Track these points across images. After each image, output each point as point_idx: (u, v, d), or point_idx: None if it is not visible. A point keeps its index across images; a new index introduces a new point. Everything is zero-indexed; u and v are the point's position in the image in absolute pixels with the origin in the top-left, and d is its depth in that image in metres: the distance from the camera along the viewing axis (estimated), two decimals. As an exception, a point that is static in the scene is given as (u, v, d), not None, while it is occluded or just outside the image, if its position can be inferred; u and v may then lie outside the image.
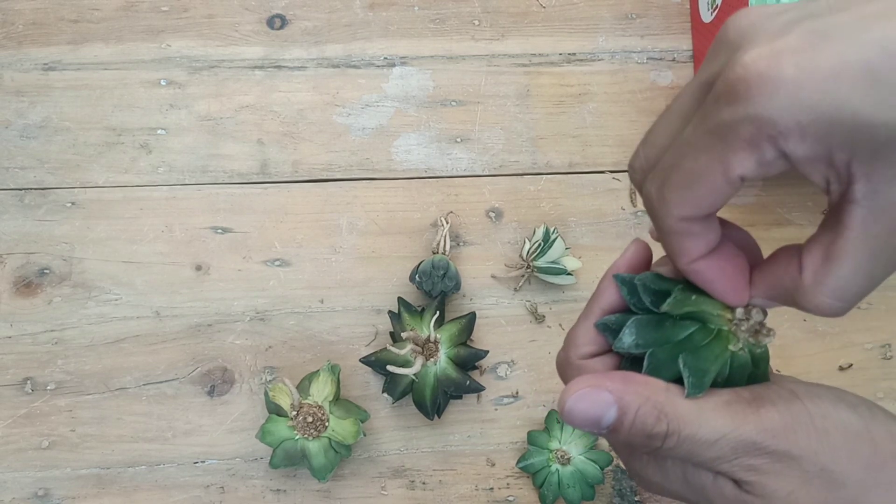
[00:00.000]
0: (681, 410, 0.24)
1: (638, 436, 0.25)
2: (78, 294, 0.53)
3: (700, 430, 0.24)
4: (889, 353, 0.54)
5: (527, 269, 0.53)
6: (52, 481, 0.50)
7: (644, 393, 0.25)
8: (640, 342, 0.26)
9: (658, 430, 0.24)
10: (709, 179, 0.23)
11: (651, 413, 0.24)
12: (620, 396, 0.25)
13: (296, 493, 0.51)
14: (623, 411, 0.25)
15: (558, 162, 0.57)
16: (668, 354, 0.26)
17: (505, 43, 0.59)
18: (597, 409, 0.25)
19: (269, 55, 0.57)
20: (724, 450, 0.24)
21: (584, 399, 0.25)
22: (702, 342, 0.26)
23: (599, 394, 0.25)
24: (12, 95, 0.56)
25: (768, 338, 0.26)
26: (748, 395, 0.25)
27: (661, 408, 0.25)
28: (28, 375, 0.52)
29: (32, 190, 0.54)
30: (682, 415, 0.24)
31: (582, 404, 0.25)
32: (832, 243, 0.23)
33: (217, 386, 0.52)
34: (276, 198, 0.55)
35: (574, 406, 0.25)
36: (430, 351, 0.49)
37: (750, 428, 0.24)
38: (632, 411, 0.25)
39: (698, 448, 0.24)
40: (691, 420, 0.24)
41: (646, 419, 0.25)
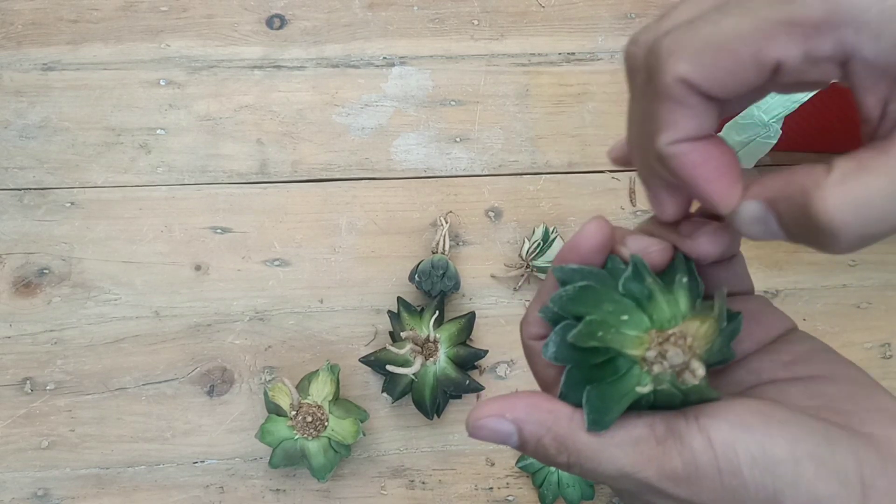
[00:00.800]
0: (581, 445, 0.24)
1: (542, 460, 0.25)
2: (77, 294, 0.53)
3: (601, 466, 0.24)
4: (889, 352, 0.54)
5: (526, 268, 0.53)
6: (51, 481, 0.50)
7: (546, 423, 0.24)
8: (559, 356, 0.25)
9: (560, 461, 0.24)
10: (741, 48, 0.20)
11: (551, 445, 0.24)
12: (521, 427, 0.25)
13: (295, 492, 0.51)
14: (524, 440, 0.25)
15: (558, 162, 0.57)
16: (583, 376, 0.24)
17: (504, 43, 0.59)
18: (498, 437, 0.25)
19: (268, 55, 0.57)
20: (629, 486, 0.23)
21: (486, 427, 0.25)
22: (614, 374, 0.24)
23: (500, 423, 0.25)
24: (12, 95, 0.56)
25: (692, 379, 0.23)
26: (661, 431, 0.23)
27: (562, 441, 0.24)
28: (28, 375, 0.52)
29: (32, 190, 0.54)
30: (581, 449, 0.24)
31: (483, 432, 0.25)
32: (873, 157, 0.20)
33: (216, 386, 0.52)
34: (276, 198, 0.55)
35: (476, 433, 0.25)
36: (429, 351, 0.49)
37: (651, 473, 0.23)
38: (532, 441, 0.25)
39: (602, 479, 0.24)
40: (591, 456, 0.24)
41: (547, 450, 0.24)
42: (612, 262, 0.26)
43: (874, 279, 0.55)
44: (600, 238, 0.25)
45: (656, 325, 0.24)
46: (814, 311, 0.54)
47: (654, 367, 0.23)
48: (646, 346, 0.24)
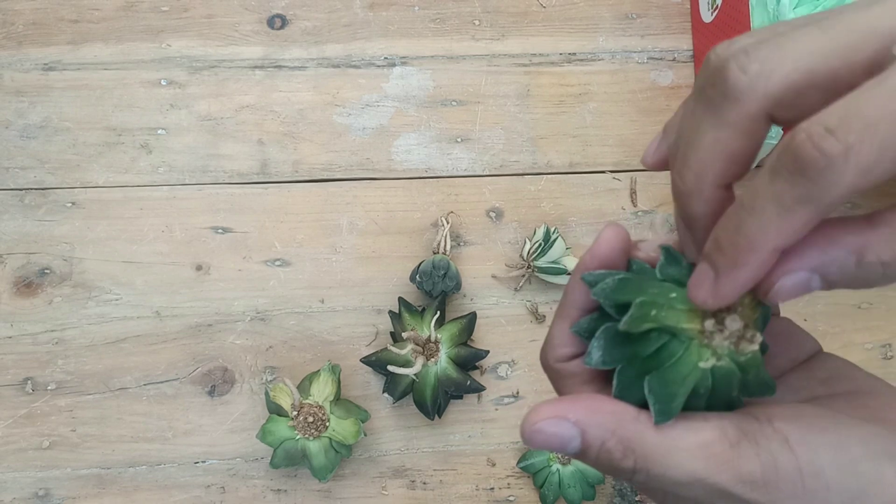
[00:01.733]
0: (649, 447, 0.22)
1: (604, 468, 0.23)
2: (78, 294, 0.53)
3: (670, 472, 0.22)
4: (889, 353, 0.54)
5: (527, 268, 0.53)
6: (52, 481, 0.50)
7: (610, 426, 0.23)
8: (606, 359, 0.24)
9: (625, 466, 0.23)
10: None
11: (617, 448, 0.23)
12: (584, 429, 0.23)
13: (296, 493, 0.51)
14: (587, 444, 0.23)
15: (558, 162, 0.57)
16: (638, 371, 0.24)
17: (505, 43, 0.59)
18: (558, 441, 0.23)
19: (269, 55, 0.57)
20: (699, 492, 0.22)
21: (545, 431, 0.23)
22: (670, 359, 0.23)
23: (561, 424, 0.23)
24: (12, 95, 0.56)
25: (752, 345, 0.23)
26: (733, 434, 0.23)
27: (628, 444, 0.23)
28: (28, 375, 0.52)
29: (32, 190, 0.54)
30: (649, 453, 0.22)
31: (541, 437, 0.23)
32: None
33: (217, 386, 0.52)
34: (277, 198, 0.55)
35: (533, 438, 0.23)
36: (430, 351, 0.49)
37: (726, 478, 0.22)
38: (596, 445, 0.23)
39: (670, 486, 0.22)
40: (660, 460, 0.22)
41: (611, 455, 0.23)
42: (634, 264, 0.26)
43: (875, 279, 0.55)
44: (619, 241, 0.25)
45: None
46: (814, 311, 0.54)
47: (713, 339, 0.23)
48: (701, 318, 0.23)
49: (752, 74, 0.21)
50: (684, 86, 0.58)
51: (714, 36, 0.55)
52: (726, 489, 0.22)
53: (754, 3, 0.49)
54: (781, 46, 0.20)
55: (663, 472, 0.22)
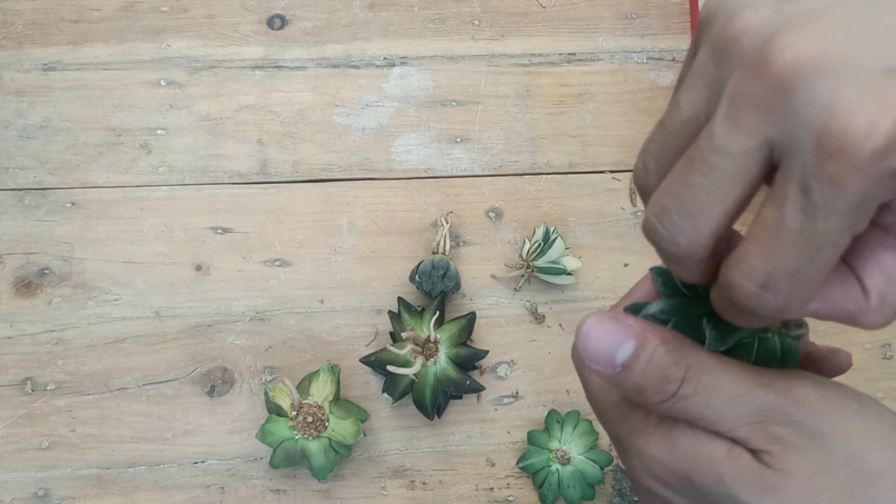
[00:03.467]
0: (703, 358, 0.22)
1: (652, 377, 0.22)
2: (78, 294, 0.53)
3: (721, 381, 0.22)
4: (889, 353, 0.54)
5: (527, 269, 0.53)
6: (52, 481, 0.50)
7: (666, 336, 0.23)
8: (665, 309, 0.24)
9: (674, 372, 0.22)
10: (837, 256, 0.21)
11: (670, 354, 0.22)
12: (641, 331, 0.23)
13: (296, 493, 0.51)
14: (641, 346, 0.22)
15: (558, 162, 0.57)
16: (693, 323, 0.24)
17: (505, 43, 0.59)
18: (614, 337, 0.22)
19: (269, 55, 0.57)
20: (748, 407, 0.22)
21: (604, 325, 0.22)
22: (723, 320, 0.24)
23: (619, 324, 0.23)
24: (12, 95, 0.56)
25: (800, 329, 0.24)
26: (779, 373, 0.23)
27: (682, 351, 0.22)
28: (28, 376, 0.52)
29: (32, 190, 0.54)
30: (703, 362, 0.22)
31: (600, 329, 0.22)
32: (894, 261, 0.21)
33: (217, 386, 0.52)
34: (276, 198, 0.55)
35: (591, 329, 0.22)
36: (430, 351, 0.49)
37: (777, 393, 0.22)
38: (650, 348, 0.22)
39: (718, 401, 0.22)
40: (713, 368, 0.22)
41: (663, 359, 0.22)
42: None
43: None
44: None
45: None
46: (814, 311, 0.54)
47: None
48: None
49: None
50: (684, 86, 0.58)
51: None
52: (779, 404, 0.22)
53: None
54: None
55: (715, 380, 0.22)
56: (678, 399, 0.22)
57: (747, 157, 0.19)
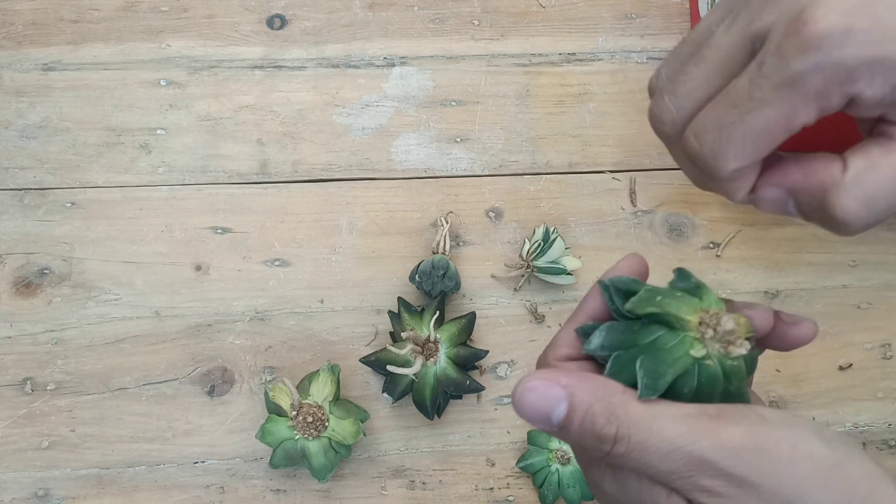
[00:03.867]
0: (633, 415, 0.23)
1: (587, 436, 0.24)
2: (78, 294, 0.53)
3: (651, 438, 0.23)
4: (889, 352, 0.54)
5: (526, 268, 0.53)
6: (52, 481, 0.50)
7: (598, 392, 0.24)
8: (605, 344, 0.25)
9: (607, 432, 0.23)
10: (771, 133, 0.23)
11: (602, 413, 0.23)
12: (572, 392, 0.24)
13: (296, 493, 0.51)
14: (573, 408, 0.23)
15: (558, 162, 0.57)
16: (632, 357, 0.25)
17: (505, 43, 0.59)
18: (546, 402, 0.24)
19: (268, 55, 0.57)
20: (678, 464, 0.22)
21: (535, 391, 0.24)
22: (664, 346, 0.25)
23: (551, 387, 0.24)
24: (12, 95, 0.56)
25: (740, 349, 0.25)
26: (713, 411, 0.23)
27: (613, 409, 0.23)
28: (28, 375, 0.52)
29: (32, 190, 0.54)
30: (633, 419, 0.23)
31: (532, 395, 0.24)
32: (880, 154, 0.23)
33: (217, 386, 0.52)
34: (276, 198, 0.55)
35: (524, 396, 0.24)
36: (429, 351, 0.49)
37: (707, 444, 0.22)
38: (581, 409, 0.23)
39: (649, 458, 0.23)
40: (643, 426, 0.23)
41: (595, 419, 0.23)
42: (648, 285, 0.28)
43: (874, 279, 0.55)
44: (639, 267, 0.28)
45: (705, 304, 0.26)
46: (814, 311, 0.54)
47: (707, 333, 0.25)
48: (699, 314, 0.25)
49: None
50: (684, 86, 0.58)
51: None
52: (707, 458, 0.22)
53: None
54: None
55: (646, 438, 0.23)
56: (614, 456, 0.23)
57: (733, 49, 0.23)
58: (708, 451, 0.22)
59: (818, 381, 0.53)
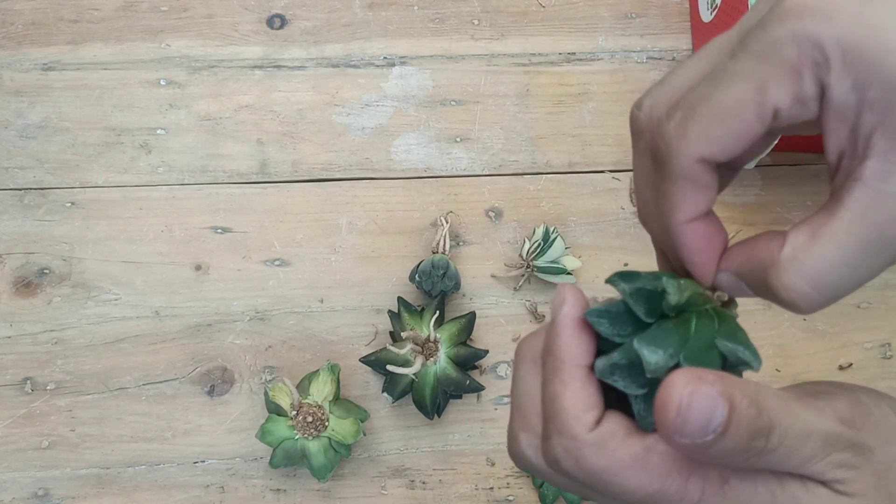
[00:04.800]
0: (773, 403, 0.21)
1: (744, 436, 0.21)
2: (77, 294, 0.53)
3: (795, 423, 0.21)
4: (889, 352, 0.54)
5: (526, 268, 0.53)
6: (51, 481, 0.50)
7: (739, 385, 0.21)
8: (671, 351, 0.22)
9: (761, 425, 0.21)
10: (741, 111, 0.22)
11: (752, 406, 0.21)
12: (726, 389, 0.20)
13: (296, 492, 0.51)
14: (732, 405, 0.20)
15: (558, 161, 0.57)
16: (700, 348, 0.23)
17: (504, 42, 0.59)
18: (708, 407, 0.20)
19: (268, 55, 0.57)
20: (817, 445, 0.21)
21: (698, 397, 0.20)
22: (714, 325, 0.23)
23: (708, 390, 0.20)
24: (12, 95, 0.56)
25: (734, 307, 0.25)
26: (811, 389, 0.23)
27: (758, 399, 0.21)
28: (28, 375, 0.52)
29: (32, 190, 0.54)
30: (775, 406, 0.21)
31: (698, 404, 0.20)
32: (823, 223, 0.21)
33: (217, 386, 0.52)
34: (276, 198, 0.55)
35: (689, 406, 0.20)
36: (429, 350, 0.49)
37: (831, 421, 0.22)
38: (739, 406, 0.21)
39: (796, 444, 0.21)
40: (784, 412, 0.21)
41: (750, 413, 0.21)
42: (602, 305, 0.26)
43: (874, 279, 0.55)
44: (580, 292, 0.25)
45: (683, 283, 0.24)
46: (814, 310, 0.54)
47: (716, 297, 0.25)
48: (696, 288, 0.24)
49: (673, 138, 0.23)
50: (684, 85, 0.58)
51: (713, 35, 0.55)
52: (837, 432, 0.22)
53: (753, 3, 0.49)
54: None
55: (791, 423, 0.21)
56: (766, 451, 0.21)
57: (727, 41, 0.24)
58: (837, 426, 0.22)
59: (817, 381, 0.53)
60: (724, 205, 0.56)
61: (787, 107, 0.21)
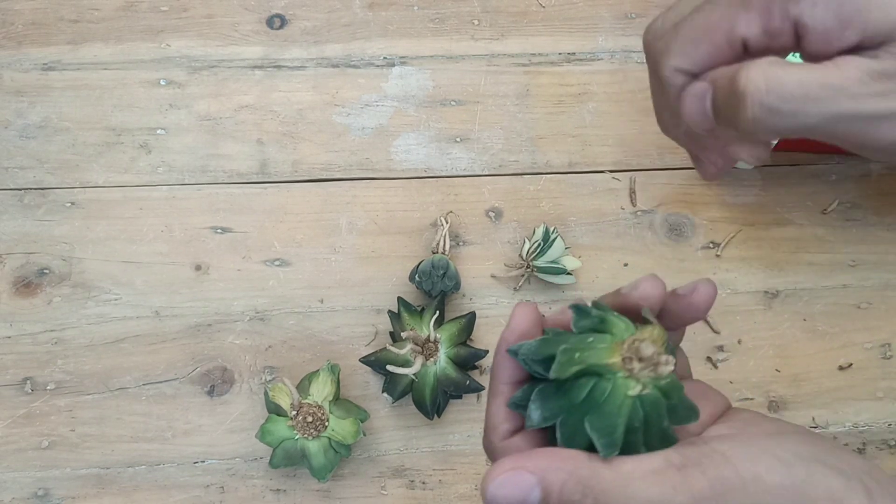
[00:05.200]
0: (606, 483, 0.23)
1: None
2: (77, 294, 0.53)
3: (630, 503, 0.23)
4: (889, 352, 0.54)
5: (526, 268, 0.53)
6: (51, 481, 0.50)
7: (567, 468, 0.24)
8: (546, 415, 0.25)
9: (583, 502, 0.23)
10: (713, 35, 0.26)
11: (576, 489, 0.23)
12: (543, 476, 0.23)
13: (296, 492, 0.51)
14: (547, 491, 0.23)
15: (558, 161, 0.57)
16: (578, 420, 0.25)
17: (504, 42, 0.59)
18: (519, 492, 0.23)
19: (268, 55, 0.58)
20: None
21: (506, 484, 0.23)
22: (602, 397, 0.25)
23: (521, 476, 0.23)
24: (12, 95, 0.56)
25: (667, 367, 0.25)
26: (678, 460, 0.24)
27: (586, 482, 0.23)
28: (28, 375, 0.52)
29: (32, 190, 0.54)
30: (607, 488, 0.23)
31: (504, 490, 0.23)
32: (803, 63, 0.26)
33: (217, 386, 0.52)
34: (276, 198, 0.55)
35: (496, 492, 0.23)
36: (429, 351, 0.49)
37: (682, 499, 0.23)
38: (555, 490, 0.23)
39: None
40: (618, 493, 0.23)
41: (571, 496, 0.23)
42: (549, 332, 0.28)
43: (874, 279, 0.55)
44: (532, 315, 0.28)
45: (618, 338, 0.26)
46: (814, 311, 0.54)
47: (634, 367, 0.25)
48: (619, 352, 0.25)
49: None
50: (684, 86, 0.58)
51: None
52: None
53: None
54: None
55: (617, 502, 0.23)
56: None
57: None
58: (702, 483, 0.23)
59: (818, 381, 0.53)
60: (724, 205, 0.56)
61: (756, 37, 0.25)
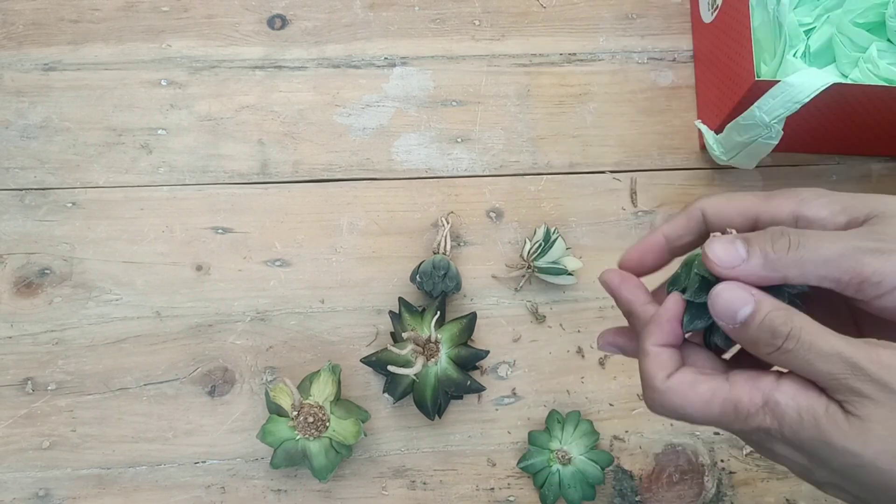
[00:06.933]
0: (805, 322, 0.28)
1: (764, 331, 0.28)
2: (78, 294, 0.53)
3: (818, 340, 0.27)
4: (889, 352, 0.54)
5: (527, 269, 0.53)
6: (52, 481, 0.50)
7: (776, 303, 0.29)
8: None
9: (782, 329, 0.28)
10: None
11: (780, 316, 0.28)
12: (760, 298, 0.29)
13: (296, 493, 0.51)
14: (758, 308, 0.28)
15: (559, 162, 0.57)
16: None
17: (505, 43, 0.59)
18: (738, 300, 0.29)
19: (269, 55, 0.58)
20: (837, 366, 0.27)
21: (732, 289, 0.29)
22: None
23: (745, 290, 0.29)
24: (12, 95, 0.56)
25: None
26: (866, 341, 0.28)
27: (790, 314, 0.28)
28: (28, 376, 0.52)
29: (33, 190, 0.54)
30: (805, 324, 0.28)
31: (729, 293, 0.29)
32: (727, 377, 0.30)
33: (218, 386, 0.52)
34: (277, 198, 0.55)
35: (722, 291, 0.29)
36: (430, 351, 0.49)
37: (863, 355, 0.26)
38: (764, 311, 0.28)
39: (813, 356, 0.27)
40: (812, 330, 0.27)
41: (774, 319, 0.28)
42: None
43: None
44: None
45: None
46: (814, 311, 0.54)
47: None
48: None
49: None
50: (684, 86, 0.58)
51: (714, 36, 0.55)
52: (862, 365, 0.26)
53: (754, 4, 0.49)
54: None
55: (813, 339, 0.27)
56: (783, 351, 0.28)
57: None
58: (864, 361, 0.26)
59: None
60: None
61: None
